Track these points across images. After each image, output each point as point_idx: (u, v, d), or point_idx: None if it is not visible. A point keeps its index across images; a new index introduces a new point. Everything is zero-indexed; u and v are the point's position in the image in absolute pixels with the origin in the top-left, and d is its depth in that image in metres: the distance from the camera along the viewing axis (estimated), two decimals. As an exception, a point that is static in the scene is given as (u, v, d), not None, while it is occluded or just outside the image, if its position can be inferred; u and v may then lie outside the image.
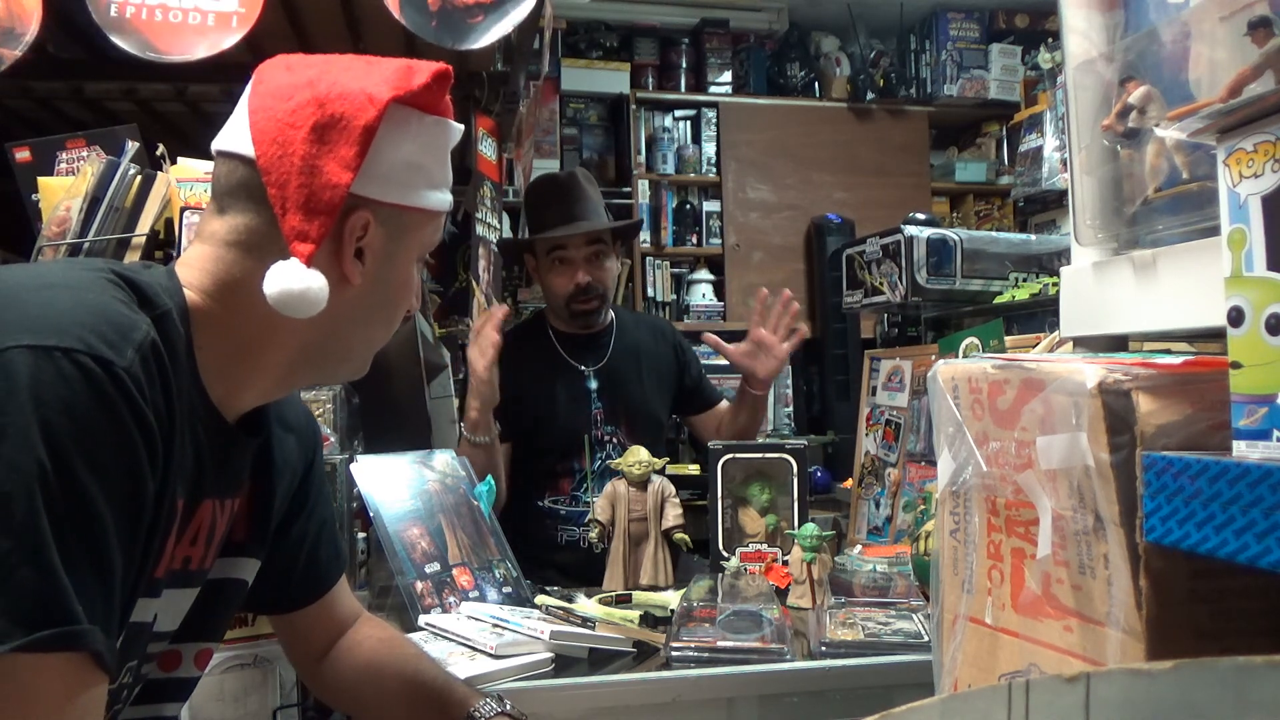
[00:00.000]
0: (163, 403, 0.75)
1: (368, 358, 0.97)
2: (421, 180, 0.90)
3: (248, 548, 1.00)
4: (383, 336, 0.96)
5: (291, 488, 1.05)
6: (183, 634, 0.95)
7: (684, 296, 4.22)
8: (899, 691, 1.22)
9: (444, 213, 0.95)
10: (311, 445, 1.10)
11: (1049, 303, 1.97)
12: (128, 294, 0.78)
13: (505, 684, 1.22)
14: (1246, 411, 0.51)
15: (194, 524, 0.88)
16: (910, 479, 2.05)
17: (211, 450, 0.86)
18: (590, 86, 4.24)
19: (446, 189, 0.94)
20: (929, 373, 0.81)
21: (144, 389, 0.72)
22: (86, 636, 0.66)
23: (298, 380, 0.95)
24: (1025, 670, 0.69)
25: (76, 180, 1.44)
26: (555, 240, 2.02)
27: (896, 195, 4.18)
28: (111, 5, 1.67)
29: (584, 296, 2.04)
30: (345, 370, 0.98)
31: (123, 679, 0.85)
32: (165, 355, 0.76)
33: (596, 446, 2.06)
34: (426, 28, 1.72)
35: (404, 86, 0.86)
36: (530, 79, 2.76)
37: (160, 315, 0.79)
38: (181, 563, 0.88)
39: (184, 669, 0.98)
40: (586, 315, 2.06)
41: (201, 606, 0.95)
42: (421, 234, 0.93)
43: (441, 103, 0.92)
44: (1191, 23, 0.70)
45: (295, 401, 1.09)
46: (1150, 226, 0.78)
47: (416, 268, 0.96)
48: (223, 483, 0.90)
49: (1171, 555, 0.56)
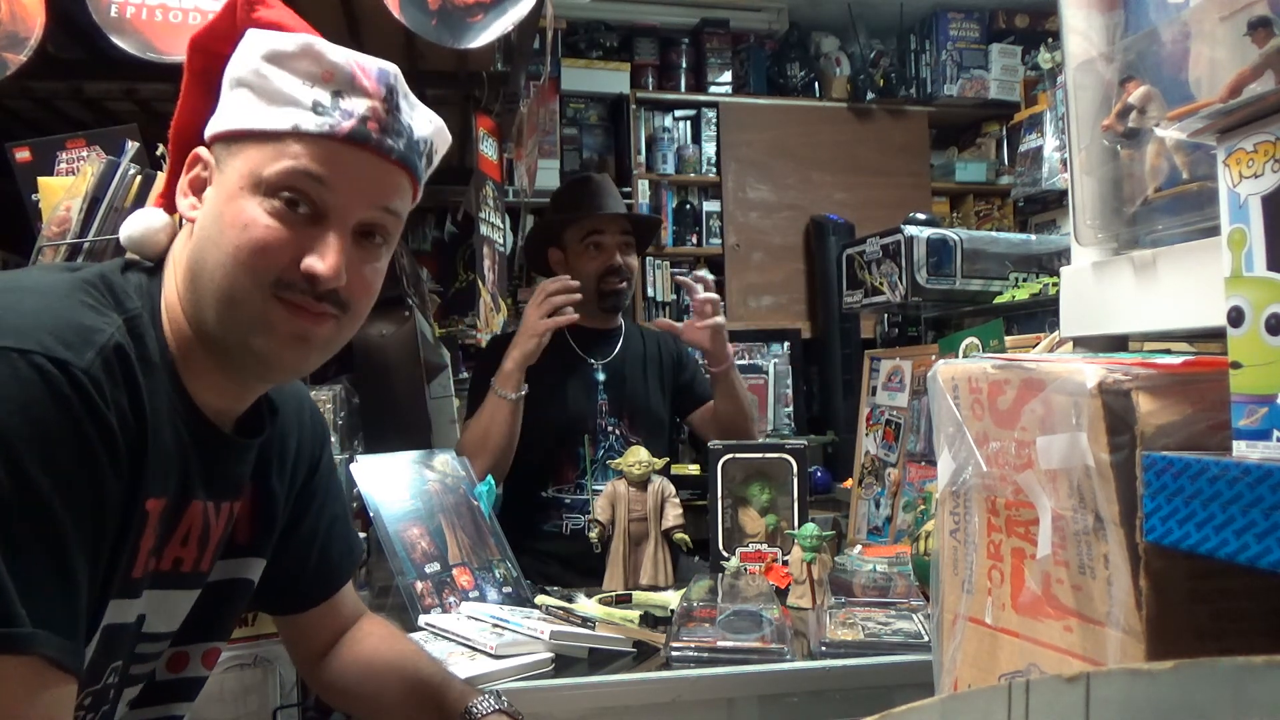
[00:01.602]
0: (128, 404, 0.74)
1: (241, 321, 0.81)
2: (242, 100, 0.82)
3: (253, 548, 1.00)
4: (230, 283, 0.80)
5: (297, 487, 1.05)
6: (188, 635, 0.94)
7: (684, 296, 4.22)
8: (899, 691, 1.22)
9: (282, 132, 0.81)
10: (318, 443, 1.09)
11: (1049, 303, 1.97)
12: (100, 297, 0.78)
13: (505, 684, 1.22)
14: (1246, 411, 0.51)
15: (182, 525, 0.87)
16: (910, 479, 2.05)
17: (198, 452, 0.85)
18: (590, 86, 4.24)
19: (286, 108, 0.81)
20: (929, 373, 0.81)
21: (104, 390, 0.72)
22: (30, 640, 0.65)
23: (233, 375, 0.86)
24: (1025, 670, 0.69)
25: (76, 180, 1.44)
26: (593, 225, 2.10)
27: (896, 195, 4.18)
28: (111, 5, 1.67)
29: (615, 277, 2.11)
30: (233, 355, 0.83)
31: (107, 679, 0.84)
32: (134, 357, 0.76)
33: (600, 436, 2.10)
34: (426, 26, 1.72)
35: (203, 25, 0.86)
36: (531, 79, 2.76)
37: (132, 317, 0.78)
38: (172, 564, 0.87)
39: (192, 669, 0.99)
40: (615, 295, 2.12)
41: (207, 607, 0.95)
42: (253, 159, 0.81)
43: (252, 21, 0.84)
44: (1191, 23, 0.70)
45: (300, 398, 1.08)
46: (1150, 226, 0.78)
47: (261, 200, 0.81)
48: (216, 485, 0.89)
49: (1171, 555, 0.56)
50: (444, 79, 2.22)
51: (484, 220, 2.32)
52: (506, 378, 1.93)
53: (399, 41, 1.94)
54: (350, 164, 0.83)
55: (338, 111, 0.82)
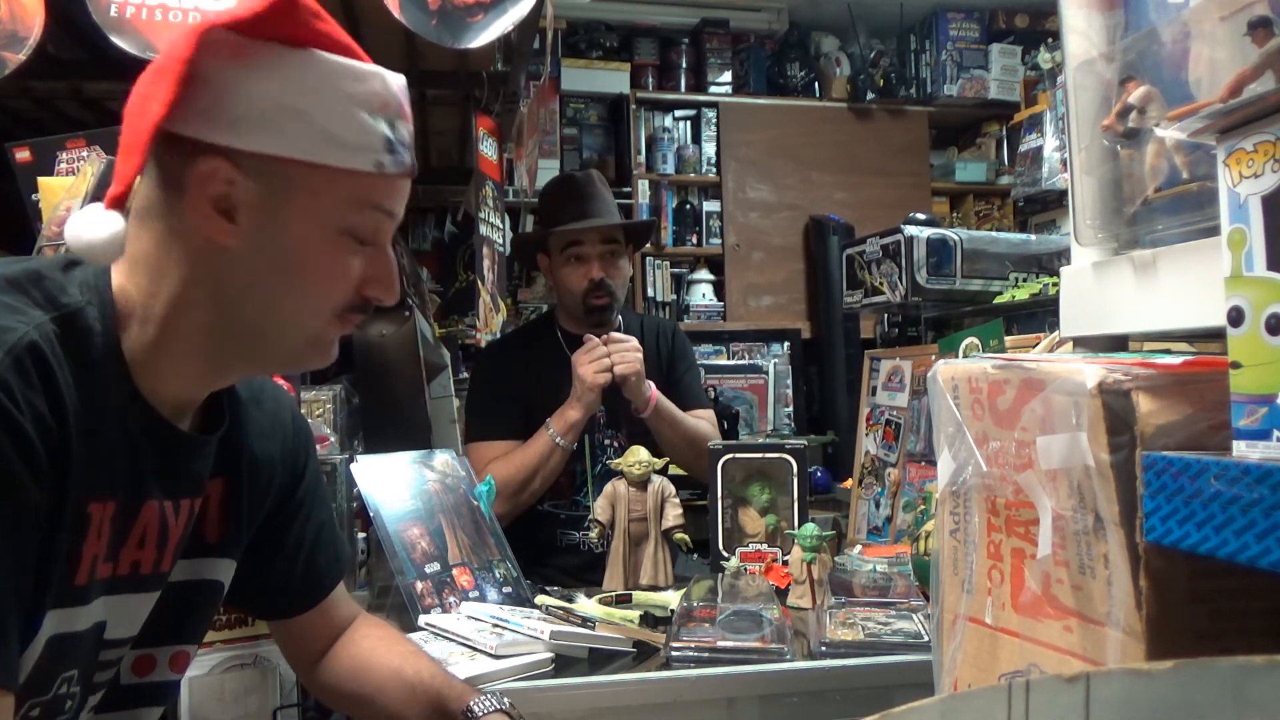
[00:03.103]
0: (46, 406, 0.71)
1: (300, 341, 0.85)
2: (304, 127, 0.78)
3: (221, 549, 0.97)
4: (297, 313, 0.83)
5: (275, 491, 1.03)
6: (151, 637, 0.92)
7: (684, 296, 4.22)
8: (899, 691, 1.22)
9: (367, 175, 0.81)
10: (302, 450, 1.07)
11: (1049, 303, 1.97)
12: (22, 296, 0.75)
13: (505, 684, 1.22)
14: (1246, 411, 0.51)
15: (138, 527, 0.85)
16: (910, 479, 2.05)
17: (152, 450, 0.83)
18: (590, 86, 4.24)
19: (367, 148, 0.80)
20: (929, 373, 0.81)
21: (15, 393, 0.69)
22: None
23: (228, 366, 0.87)
24: (1025, 670, 0.69)
25: (76, 180, 1.44)
26: (571, 236, 2.03)
27: (896, 195, 4.18)
28: (111, 5, 1.67)
29: (598, 292, 2.03)
30: (271, 354, 0.87)
31: (58, 690, 0.81)
32: (58, 356, 0.73)
33: (598, 450, 2.06)
34: (426, 26, 1.72)
35: (230, 15, 0.74)
36: (531, 79, 2.76)
37: (67, 315, 0.76)
38: (130, 568, 0.85)
39: (159, 673, 0.96)
40: (600, 311, 2.05)
41: (171, 610, 0.92)
42: (330, 197, 0.80)
43: (305, 34, 0.78)
44: (1191, 23, 0.70)
45: (284, 403, 1.07)
46: (1150, 226, 0.78)
47: (347, 242, 0.82)
48: (170, 483, 0.87)
49: (1171, 555, 0.55)
50: (444, 79, 2.22)
51: (484, 220, 2.31)
52: (571, 428, 1.92)
53: (399, 41, 1.94)
54: (404, 193, 0.87)
55: (401, 146, 0.84)
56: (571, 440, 1.93)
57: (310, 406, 1.62)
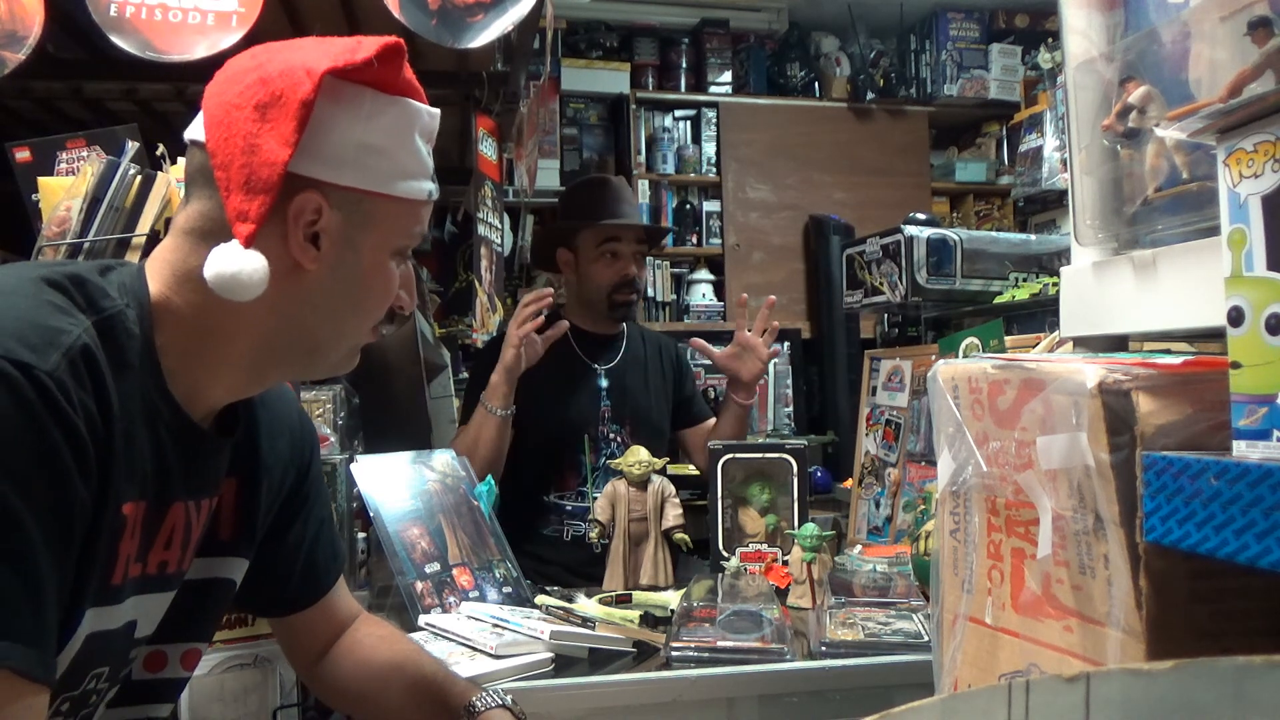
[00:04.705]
0: (96, 408, 0.73)
1: (344, 352, 0.92)
2: (384, 164, 0.85)
3: (235, 547, 0.99)
4: (354, 329, 0.91)
5: (284, 489, 1.04)
6: (165, 634, 0.93)
7: (684, 296, 4.22)
8: (899, 691, 1.22)
9: (421, 203, 0.90)
10: (308, 448, 1.08)
11: (1049, 303, 1.97)
12: (67, 298, 0.76)
13: (505, 684, 1.22)
14: (1246, 411, 0.51)
15: (165, 527, 0.86)
16: (910, 479, 2.05)
17: (178, 452, 0.85)
18: (590, 86, 4.24)
19: (423, 178, 0.89)
20: (929, 373, 0.81)
21: (71, 394, 0.70)
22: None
23: (269, 374, 0.92)
24: (1025, 670, 0.69)
25: (76, 180, 1.44)
26: (611, 231, 2.07)
27: (896, 195, 4.18)
28: (111, 5, 1.67)
29: (628, 289, 2.09)
30: (319, 364, 0.93)
31: (87, 685, 0.83)
32: (103, 359, 0.74)
33: (602, 443, 2.08)
34: (426, 26, 1.72)
35: (345, 59, 0.81)
36: (531, 79, 2.76)
37: (107, 317, 0.77)
38: (157, 568, 0.87)
39: (170, 670, 0.97)
40: (625, 308, 2.11)
41: (185, 607, 0.94)
42: (394, 224, 0.88)
43: (398, 80, 0.86)
44: (1191, 23, 0.70)
45: (289, 402, 1.08)
46: (1150, 226, 0.78)
47: (395, 261, 0.90)
48: (194, 484, 0.88)
49: (1171, 555, 0.56)
50: (444, 79, 2.23)
51: (482, 220, 2.32)
52: (493, 391, 1.93)
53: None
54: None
55: (432, 170, 0.91)
56: (499, 404, 1.92)
57: (310, 406, 1.61)
